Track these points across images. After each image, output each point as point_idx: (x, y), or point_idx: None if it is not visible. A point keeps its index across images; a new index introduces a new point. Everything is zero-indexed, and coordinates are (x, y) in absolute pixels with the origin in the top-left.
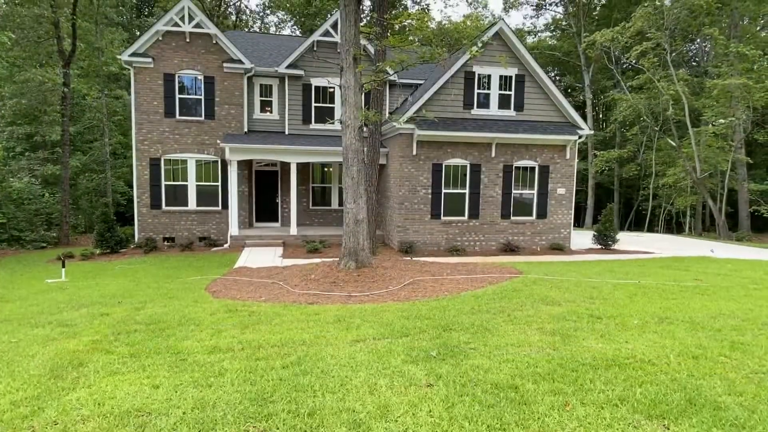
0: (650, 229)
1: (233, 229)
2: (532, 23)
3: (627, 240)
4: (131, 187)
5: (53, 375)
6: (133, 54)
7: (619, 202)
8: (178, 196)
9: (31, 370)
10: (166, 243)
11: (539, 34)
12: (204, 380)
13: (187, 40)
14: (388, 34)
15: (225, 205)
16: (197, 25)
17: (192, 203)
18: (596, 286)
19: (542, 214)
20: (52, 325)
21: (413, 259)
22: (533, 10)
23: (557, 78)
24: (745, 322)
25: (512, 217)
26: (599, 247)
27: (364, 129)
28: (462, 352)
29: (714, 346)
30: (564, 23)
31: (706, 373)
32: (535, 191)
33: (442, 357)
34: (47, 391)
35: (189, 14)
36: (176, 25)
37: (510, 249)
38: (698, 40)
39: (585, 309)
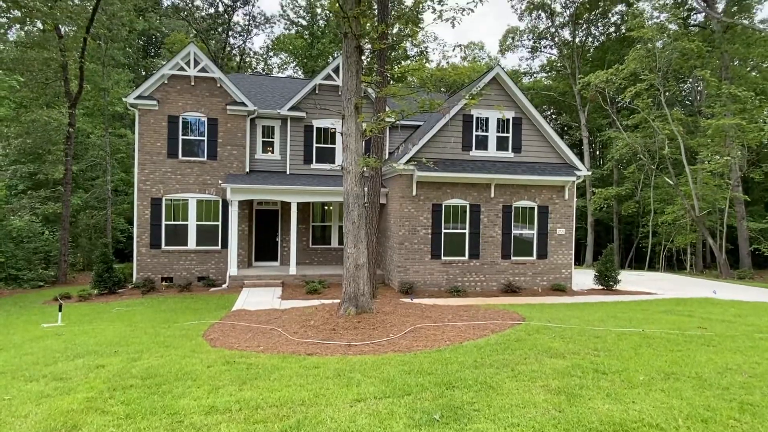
0: (651, 267)
1: (232, 269)
2: (527, 65)
3: (628, 279)
4: (131, 224)
5: None
6: (139, 97)
7: (618, 239)
8: (178, 235)
9: None
10: (164, 283)
11: (535, 75)
12: None
13: (192, 83)
14: (388, 77)
15: (224, 245)
16: (202, 69)
17: (192, 243)
18: (600, 336)
19: (543, 254)
20: (47, 379)
21: (414, 301)
22: (528, 52)
23: (553, 117)
24: (753, 379)
25: (513, 258)
26: (601, 287)
27: (365, 169)
28: (466, 415)
29: (723, 407)
30: (559, 65)
31: None
32: (535, 231)
33: (445, 421)
34: None
35: (194, 59)
36: (182, 69)
37: (511, 290)
38: (690, 80)
39: (590, 362)
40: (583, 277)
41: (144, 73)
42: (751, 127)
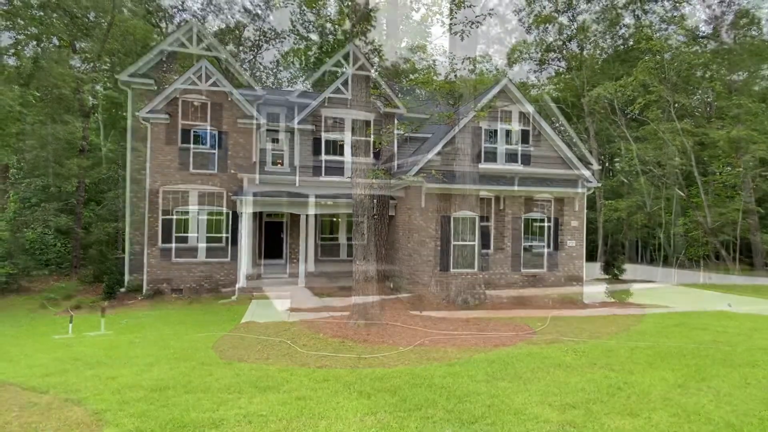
0: (663, 279)
1: (241, 281)
2: (536, 76)
3: (640, 292)
4: (142, 235)
5: None
6: (151, 110)
7: (629, 252)
8: (187, 246)
9: None
10: (173, 295)
11: (543, 87)
12: None
13: (203, 97)
14: (397, 90)
15: (233, 256)
16: (213, 84)
17: (201, 254)
18: (613, 349)
19: (553, 266)
20: (57, 390)
21: (423, 313)
22: (536, 64)
23: (562, 128)
24: None
25: (522, 270)
26: (612, 300)
27: (374, 182)
28: (478, 430)
29: (744, 424)
30: (567, 77)
31: None
32: (544, 243)
33: None
34: None
35: (206, 74)
36: (193, 83)
37: (521, 302)
38: (700, 92)
39: (603, 377)
40: (594, 290)
41: (156, 87)
42: (762, 138)
